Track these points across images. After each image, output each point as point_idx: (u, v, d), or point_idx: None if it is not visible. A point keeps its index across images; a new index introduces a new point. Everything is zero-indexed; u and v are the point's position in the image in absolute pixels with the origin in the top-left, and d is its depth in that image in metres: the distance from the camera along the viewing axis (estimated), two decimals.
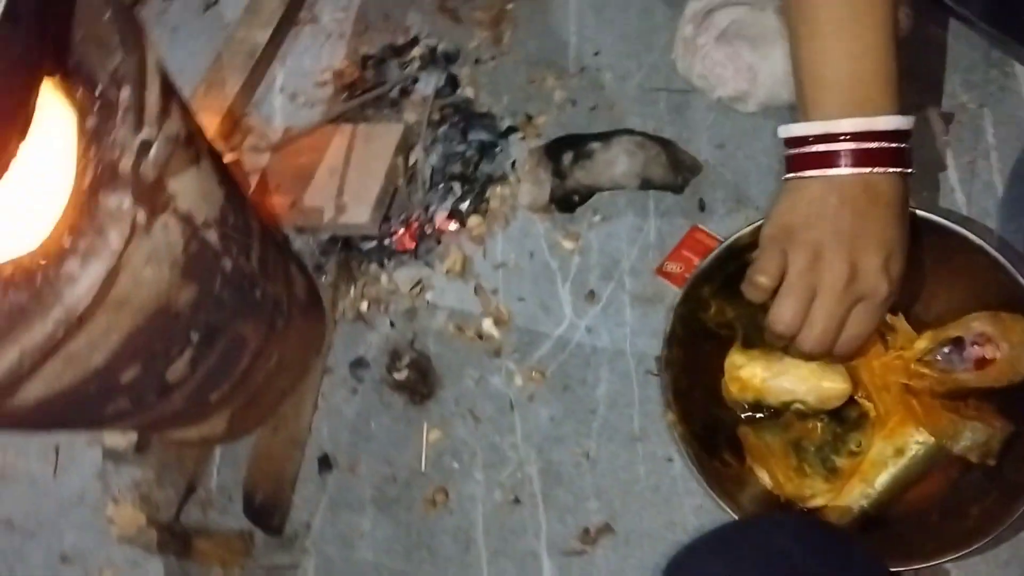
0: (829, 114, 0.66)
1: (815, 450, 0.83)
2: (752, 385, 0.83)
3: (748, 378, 0.83)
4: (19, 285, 0.64)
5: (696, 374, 0.86)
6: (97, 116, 0.69)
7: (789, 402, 0.83)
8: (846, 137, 0.65)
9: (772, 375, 0.82)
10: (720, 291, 0.85)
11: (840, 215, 0.66)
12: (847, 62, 0.66)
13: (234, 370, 0.98)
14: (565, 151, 1.11)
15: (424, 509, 1.05)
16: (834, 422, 0.84)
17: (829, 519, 0.80)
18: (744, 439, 0.86)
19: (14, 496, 1.29)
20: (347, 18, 1.48)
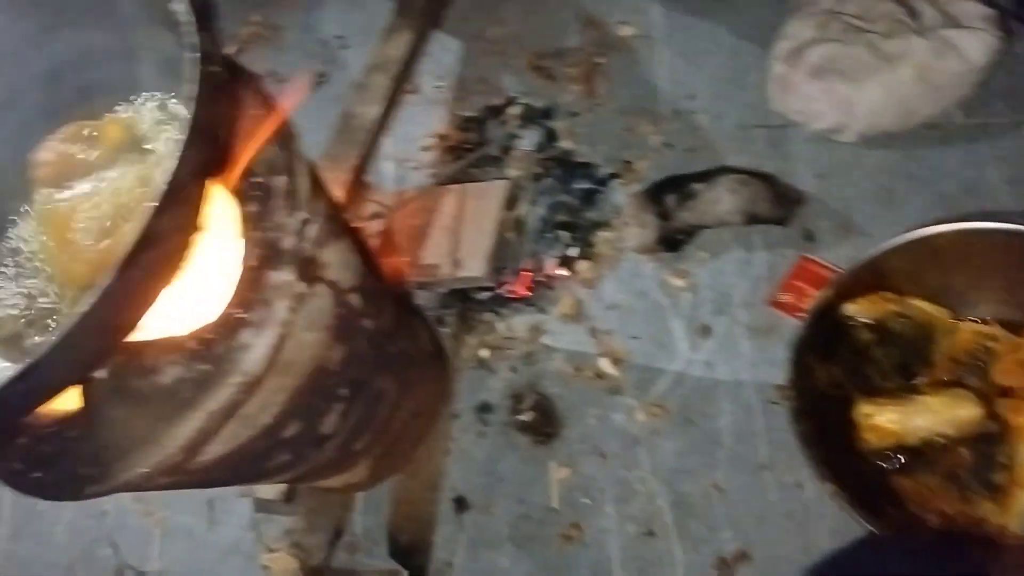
0: None
1: (970, 475, 0.84)
2: (889, 430, 0.85)
3: (884, 424, 0.85)
4: (203, 356, 0.73)
5: (828, 439, 0.87)
6: (257, 203, 0.77)
7: (929, 438, 0.84)
8: None
9: (906, 416, 0.84)
10: (822, 355, 0.88)
11: None
12: None
13: (376, 420, 1.06)
14: (668, 193, 1.16)
15: (560, 544, 1.09)
16: (977, 443, 0.85)
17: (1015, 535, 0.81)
18: (901, 489, 0.87)
19: (174, 549, 1.39)
20: (446, 86, 1.57)
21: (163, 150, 0.78)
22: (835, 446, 0.87)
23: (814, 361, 0.89)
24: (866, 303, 0.90)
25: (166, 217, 0.61)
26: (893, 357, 0.90)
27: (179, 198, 0.62)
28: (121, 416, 0.71)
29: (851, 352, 0.90)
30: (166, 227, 0.62)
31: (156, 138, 0.80)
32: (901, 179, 1.11)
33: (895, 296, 0.90)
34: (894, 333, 0.90)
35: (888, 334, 0.90)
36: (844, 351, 0.90)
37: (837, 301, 0.88)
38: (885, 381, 0.90)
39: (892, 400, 0.85)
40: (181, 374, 0.72)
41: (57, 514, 1.51)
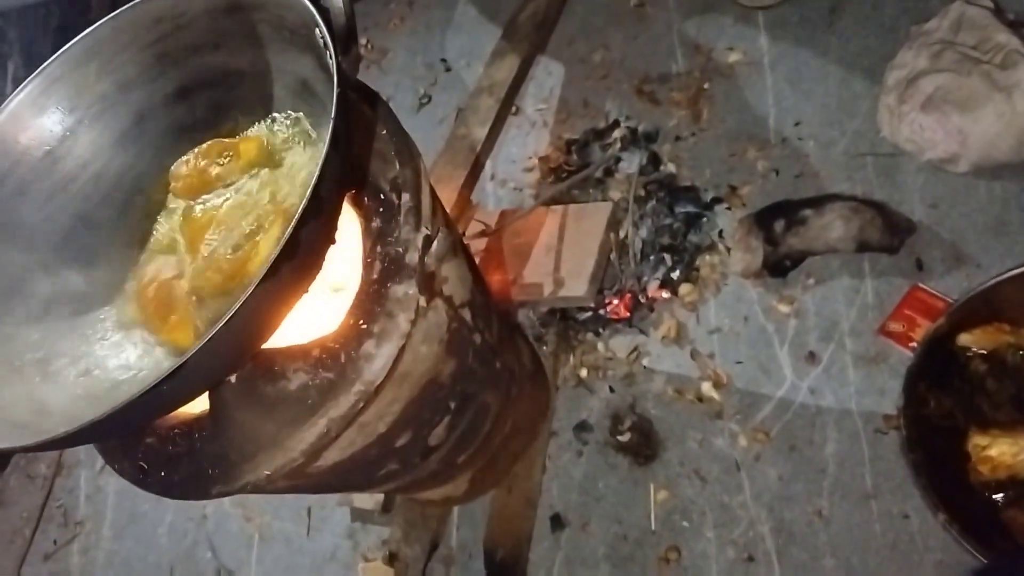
0: None
1: None
2: (1003, 463, 0.83)
3: (998, 456, 0.84)
4: (327, 364, 0.76)
5: (942, 469, 0.86)
6: (380, 218, 0.80)
7: None
8: None
9: (1021, 449, 0.82)
10: (934, 385, 0.87)
11: None
12: None
13: (479, 434, 1.08)
14: (777, 219, 1.16)
15: (658, 567, 1.10)
16: None
17: None
18: (1013, 522, 0.85)
19: (272, 554, 1.44)
20: (549, 108, 1.60)
21: (294, 167, 0.82)
22: (947, 477, 0.85)
23: (926, 391, 0.87)
24: (981, 334, 0.88)
25: (307, 229, 0.64)
26: (1008, 389, 0.88)
27: (319, 212, 0.65)
28: (249, 420, 0.75)
29: (964, 383, 0.89)
30: (306, 238, 0.65)
31: (287, 155, 0.85)
32: (1015, 210, 1.08)
33: (1011, 328, 0.88)
34: (1009, 365, 0.88)
35: (1003, 366, 0.88)
36: (957, 382, 0.89)
37: (951, 331, 0.86)
38: (998, 413, 0.88)
39: (1007, 432, 0.83)
40: (307, 381, 0.75)
41: (159, 516, 1.57)
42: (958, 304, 0.87)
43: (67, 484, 1.70)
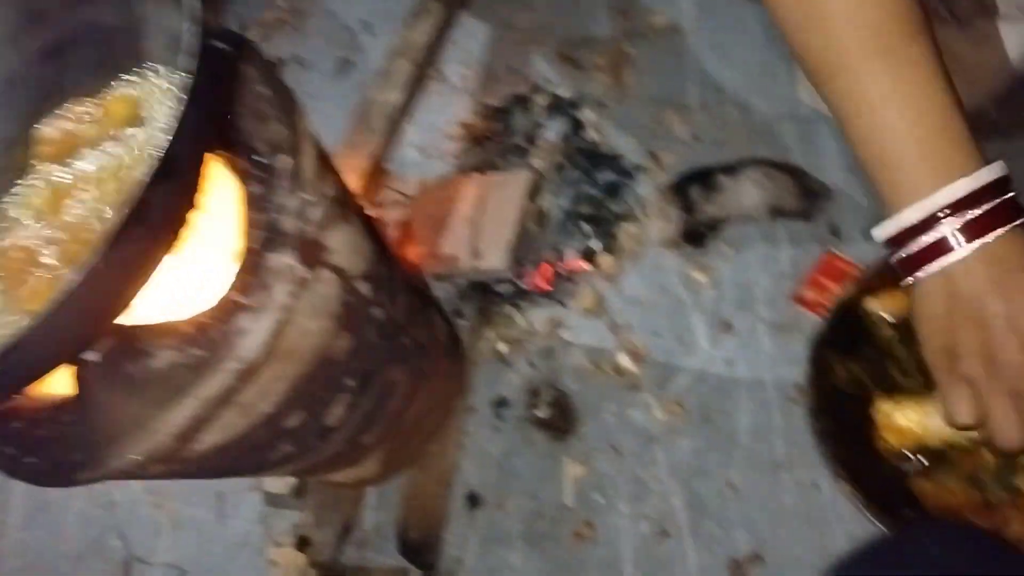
0: (914, 195, 0.57)
1: (992, 478, 0.80)
2: (910, 431, 0.81)
3: (904, 424, 0.81)
4: (197, 341, 0.71)
5: (847, 438, 0.82)
6: (259, 183, 0.75)
7: (951, 439, 0.80)
8: (946, 214, 0.56)
9: (928, 416, 0.80)
10: (842, 353, 0.84)
11: (976, 306, 0.57)
12: (909, 129, 0.57)
13: (386, 413, 1.03)
14: (693, 186, 1.13)
15: (572, 542, 1.07)
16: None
17: None
18: (920, 490, 0.83)
19: (182, 541, 1.38)
20: (471, 73, 1.55)
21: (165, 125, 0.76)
22: (853, 446, 0.83)
23: (834, 358, 0.85)
24: (889, 299, 0.85)
25: (158, 192, 0.59)
26: (916, 355, 0.85)
27: (173, 172, 0.60)
28: (113, 401, 0.70)
29: (873, 350, 0.86)
30: (158, 202, 0.60)
31: (160, 115, 0.79)
32: None
33: None
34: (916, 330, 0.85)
35: (911, 332, 0.85)
36: (866, 348, 0.86)
37: (859, 298, 0.84)
38: (907, 380, 0.86)
39: (914, 399, 0.81)
40: (175, 359, 0.70)
41: (67, 504, 1.50)
42: (867, 271, 0.84)
43: None
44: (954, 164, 0.57)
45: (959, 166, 0.56)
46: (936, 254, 0.57)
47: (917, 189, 0.57)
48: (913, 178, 0.57)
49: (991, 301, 0.57)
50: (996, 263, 0.56)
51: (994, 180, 0.57)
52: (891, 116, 0.58)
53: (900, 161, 0.58)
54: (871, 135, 0.59)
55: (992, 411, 0.60)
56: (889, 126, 0.58)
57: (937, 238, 0.57)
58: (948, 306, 0.59)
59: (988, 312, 0.57)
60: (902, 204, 0.58)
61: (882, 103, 0.58)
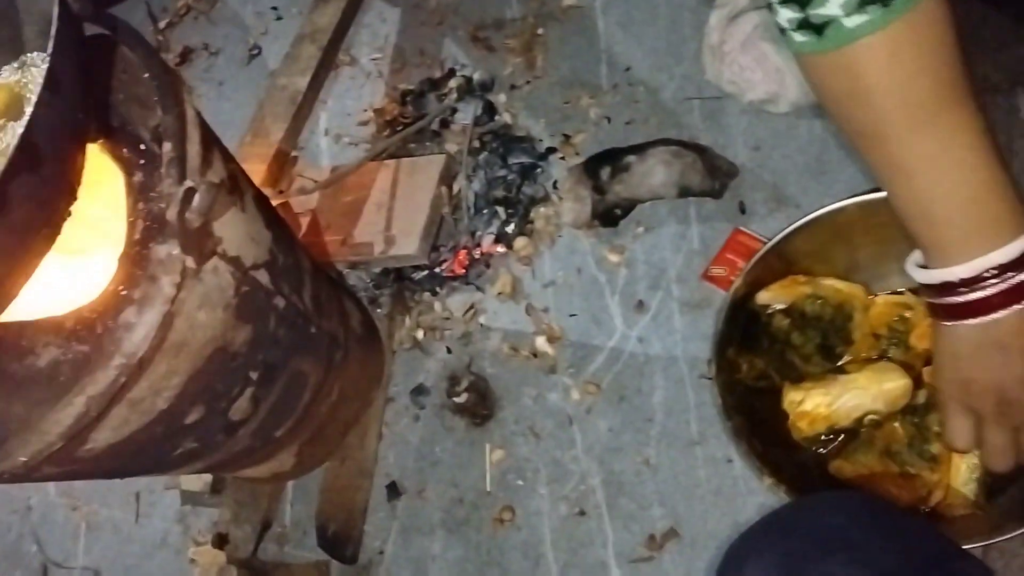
0: (962, 254, 0.59)
1: (907, 449, 0.81)
2: (820, 415, 0.82)
3: (813, 409, 0.82)
4: (81, 336, 0.68)
5: (761, 431, 0.84)
6: (142, 171, 0.73)
7: (861, 417, 0.81)
8: (992, 274, 0.58)
9: (834, 398, 0.81)
10: (742, 348, 0.85)
11: (1002, 354, 0.61)
12: (956, 194, 0.58)
13: (297, 405, 1.01)
14: (603, 167, 1.12)
15: (492, 528, 1.06)
16: (909, 415, 0.82)
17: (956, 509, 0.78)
18: (840, 472, 0.84)
19: (100, 544, 1.34)
20: (383, 57, 1.52)
21: None
22: (770, 438, 0.83)
23: (736, 355, 0.85)
24: (778, 289, 0.86)
25: (21, 184, 0.56)
26: (813, 340, 0.87)
27: (37, 163, 0.57)
28: None
29: (771, 341, 0.87)
30: (22, 195, 0.57)
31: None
32: (833, 149, 1.07)
33: (806, 278, 0.86)
34: (810, 316, 0.86)
35: (804, 318, 0.86)
36: (764, 342, 0.87)
37: (750, 292, 0.84)
38: (809, 366, 0.87)
39: (818, 383, 0.82)
40: (58, 356, 0.68)
41: None
42: (751, 264, 0.85)
43: None
44: (1005, 226, 0.58)
45: (1010, 229, 0.58)
46: (978, 311, 0.60)
47: (968, 249, 0.59)
48: (964, 237, 0.59)
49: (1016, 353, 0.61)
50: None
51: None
52: (939, 178, 0.58)
53: (949, 221, 0.59)
54: (918, 196, 0.60)
55: (992, 439, 0.66)
56: (937, 188, 0.59)
57: (982, 296, 0.59)
58: (975, 350, 0.63)
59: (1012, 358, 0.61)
60: (949, 260, 0.60)
61: (929, 167, 0.58)
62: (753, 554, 0.61)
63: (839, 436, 0.83)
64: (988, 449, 0.68)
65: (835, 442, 0.84)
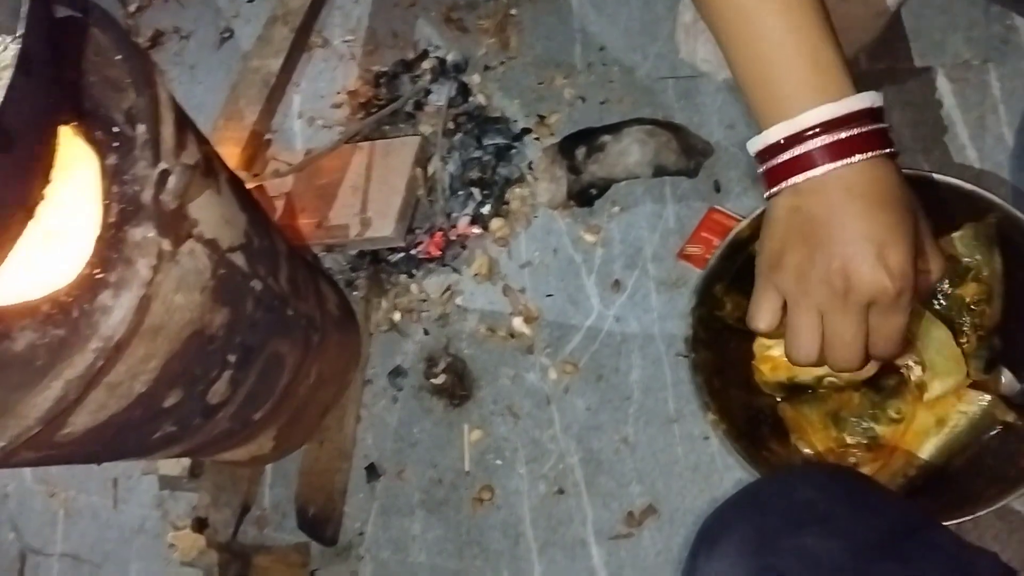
0: (787, 112, 0.58)
1: (854, 420, 0.82)
2: (782, 363, 0.82)
3: (779, 356, 0.82)
4: (57, 320, 0.68)
5: (727, 370, 0.84)
6: (116, 154, 0.72)
7: (821, 376, 0.82)
8: (815, 132, 0.57)
9: None
10: (731, 287, 0.85)
11: (810, 224, 0.59)
12: (790, 54, 0.59)
13: (275, 388, 1.01)
14: (578, 147, 1.13)
15: (472, 508, 1.07)
16: (871, 391, 0.82)
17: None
18: (783, 414, 0.86)
19: (78, 530, 1.34)
20: (356, 39, 1.51)
21: None
22: (732, 379, 0.84)
23: (723, 292, 0.85)
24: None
25: None
26: None
27: (7, 144, 0.57)
28: None
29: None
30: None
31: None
32: None
33: None
34: None
35: None
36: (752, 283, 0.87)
37: (752, 236, 0.84)
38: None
39: None
40: (34, 340, 0.67)
41: None
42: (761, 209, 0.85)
43: None
44: (829, 88, 0.58)
45: (834, 90, 0.58)
46: (797, 169, 0.58)
47: (790, 107, 0.58)
48: (787, 96, 0.58)
49: (824, 225, 0.58)
50: (848, 189, 0.58)
51: (866, 108, 0.58)
52: (773, 43, 0.59)
53: (777, 81, 0.59)
54: (753, 60, 0.60)
55: (792, 320, 0.62)
56: (770, 51, 0.59)
57: (801, 152, 0.57)
58: (789, 218, 0.60)
59: (819, 233, 0.58)
60: (774, 121, 0.59)
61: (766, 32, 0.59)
62: (725, 531, 0.61)
63: (796, 388, 0.84)
64: (789, 332, 0.63)
65: (786, 391, 0.85)
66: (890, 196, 0.58)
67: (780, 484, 0.67)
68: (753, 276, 0.73)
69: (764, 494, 0.65)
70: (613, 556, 0.98)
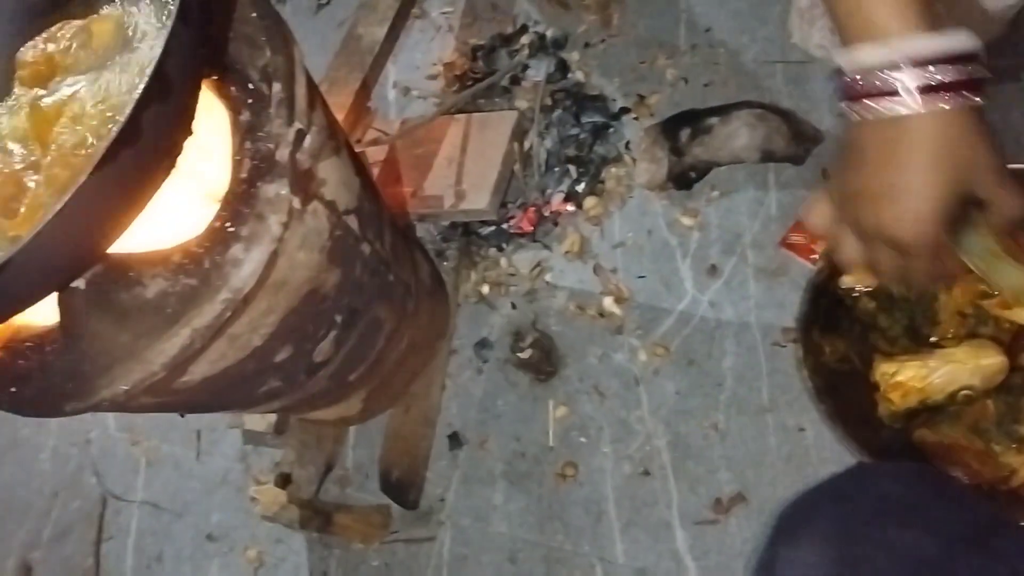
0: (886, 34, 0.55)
1: (995, 427, 0.81)
2: (913, 387, 0.81)
3: (907, 381, 0.81)
4: (188, 270, 0.69)
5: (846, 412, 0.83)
6: (250, 111, 0.73)
7: (955, 391, 0.81)
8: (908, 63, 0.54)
9: (930, 371, 0.80)
10: (824, 330, 0.85)
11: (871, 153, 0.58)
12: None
13: (371, 351, 1.03)
14: (682, 128, 1.12)
15: (554, 482, 1.08)
16: (1002, 394, 0.81)
17: None
18: (922, 441, 0.84)
19: (160, 479, 1.38)
20: (455, 12, 1.52)
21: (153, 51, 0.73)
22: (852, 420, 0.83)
23: (819, 337, 0.85)
24: (862, 272, 0.86)
25: (150, 112, 0.57)
26: (900, 322, 0.86)
27: (165, 94, 0.58)
28: (103, 330, 0.68)
29: (854, 323, 0.87)
30: (150, 124, 0.58)
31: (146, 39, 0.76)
32: None
33: None
34: (896, 298, 0.86)
35: (891, 300, 0.86)
36: (846, 324, 0.87)
37: (832, 274, 0.84)
38: (894, 348, 0.87)
39: (913, 356, 0.82)
40: (166, 288, 0.69)
41: (41, 442, 1.49)
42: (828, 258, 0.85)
43: None
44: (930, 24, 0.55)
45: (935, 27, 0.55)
46: (886, 94, 0.55)
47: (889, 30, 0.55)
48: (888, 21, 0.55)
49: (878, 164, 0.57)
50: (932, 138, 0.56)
51: (967, 52, 0.55)
52: None
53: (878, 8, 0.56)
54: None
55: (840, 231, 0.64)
56: None
57: (892, 80, 0.55)
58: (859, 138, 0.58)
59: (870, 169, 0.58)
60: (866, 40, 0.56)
61: None
62: (809, 521, 0.61)
63: (925, 412, 0.83)
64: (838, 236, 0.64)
65: (920, 419, 0.84)
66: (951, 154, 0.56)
67: (862, 477, 0.66)
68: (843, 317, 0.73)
69: (847, 487, 0.65)
70: (698, 541, 0.98)
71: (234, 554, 1.24)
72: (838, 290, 0.85)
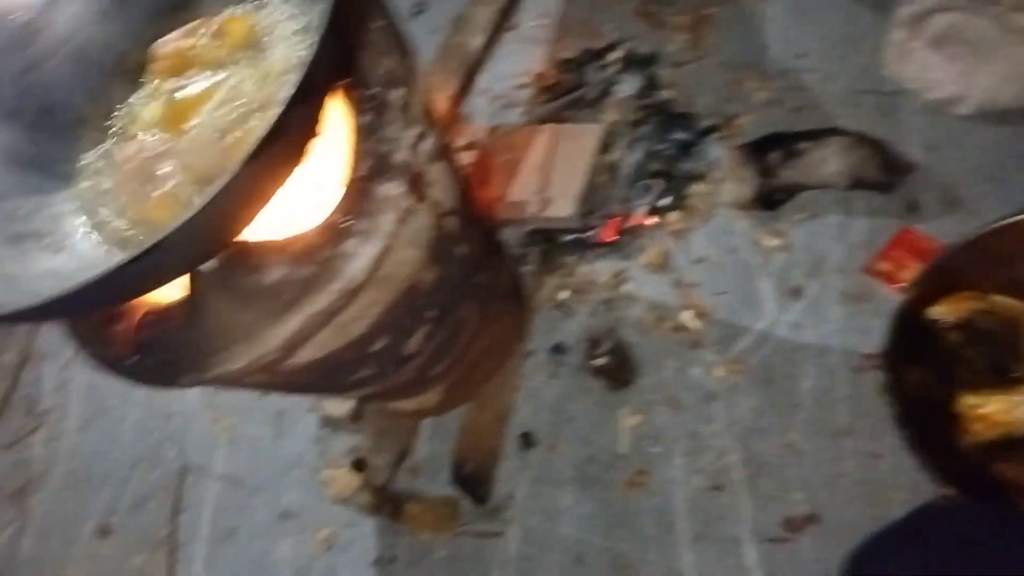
0: None
1: None
2: (998, 420, 0.83)
3: (992, 413, 0.83)
4: (307, 260, 0.73)
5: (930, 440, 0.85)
6: (370, 113, 0.77)
7: None
8: None
9: (1015, 405, 0.82)
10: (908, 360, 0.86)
11: None
12: None
13: (455, 347, 1.06)
14: (772, 149, 1.13)
15: (625, 490, 1.10)
16: None
17: None
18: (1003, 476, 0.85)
19: (238, 456, 1.43)
20: (546, 25, 1.55)
21: (285, 51, 0.78)
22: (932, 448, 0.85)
23: (903, 365, 0.87)
24: (951, 304, 0.87)
25: (294, 114, 0.61)
26: (985, 356, 0.88)
27: (308, 97, 0.62)
28: (225, 310, 0.73)
29: (939, 354, 0.88)
30: (292, 124, 0.62)
31: (275, 40, 0.81)
32: (1013, 157, 1.07)
33: (978, 294, 0.87)
34: (983, 331, 0.87)
35: (977, 333, 0.87)
36: (931, 354, 0.88)
37: (918, 305, 0.85)
38: (977, 380, 0.88)
39: (998, 390, 0.83)
40: (286, 275, 0.73)
41: (125, 412, 1.56)
42: (921, 276, 0.86)
43: (33, 375, 1.67)
44: None
45: None
46: None
47: None
48: None
49: None
50: None
51: None
52: None
53: None
54: None
55: None
56: None
57: None
58: None
59: None
60: None
61: None
62: (894, 551, 0.62)
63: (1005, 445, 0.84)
64: None
65: (999, 452, 0.84)
66: None
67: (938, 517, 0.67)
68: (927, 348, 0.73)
69: (933, 524, 0.66)
70: (768, 559, 0.99)
71: (306, 534, 1.29)
72: (925, 320, 0.87)
